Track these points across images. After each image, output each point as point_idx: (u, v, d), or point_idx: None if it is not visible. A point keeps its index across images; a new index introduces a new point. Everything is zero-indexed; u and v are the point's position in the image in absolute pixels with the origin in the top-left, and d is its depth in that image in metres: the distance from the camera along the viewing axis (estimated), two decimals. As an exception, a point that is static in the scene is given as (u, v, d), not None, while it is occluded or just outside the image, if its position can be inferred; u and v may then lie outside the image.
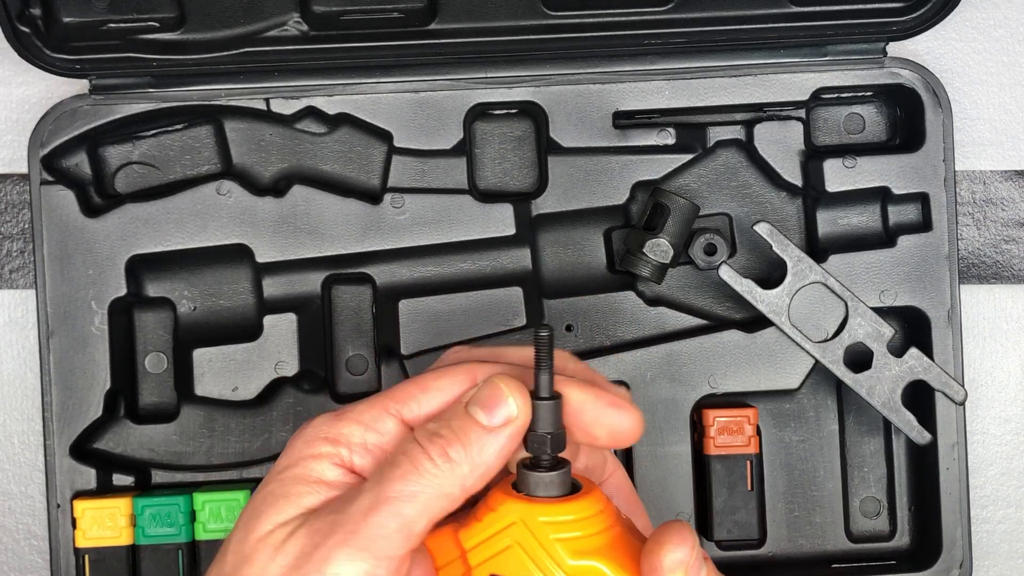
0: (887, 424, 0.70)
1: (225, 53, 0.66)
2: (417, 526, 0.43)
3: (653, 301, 0.69)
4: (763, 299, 0.66)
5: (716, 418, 0.68)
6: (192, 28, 0.66)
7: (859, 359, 0.66)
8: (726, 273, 0.65)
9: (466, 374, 0.48)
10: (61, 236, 0.67)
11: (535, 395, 0.46)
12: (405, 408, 0.47)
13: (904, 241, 0.68)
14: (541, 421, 0.46)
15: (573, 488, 0.47)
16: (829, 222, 0.69)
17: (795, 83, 0.68)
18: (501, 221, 0.69)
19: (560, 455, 0.47)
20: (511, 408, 0.45)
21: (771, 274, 0.67)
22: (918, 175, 0.68)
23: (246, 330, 0.69)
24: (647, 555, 0.44)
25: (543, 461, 0.46)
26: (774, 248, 0.65)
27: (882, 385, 0.66)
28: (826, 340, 0.66)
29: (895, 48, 0.69)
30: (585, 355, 0.68)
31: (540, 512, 0.46)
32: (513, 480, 0.47)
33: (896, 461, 0.70)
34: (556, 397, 0.46)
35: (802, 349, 0.66)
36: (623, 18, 0.67)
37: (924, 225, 0.68)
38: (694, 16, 0.67)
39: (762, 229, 0.65)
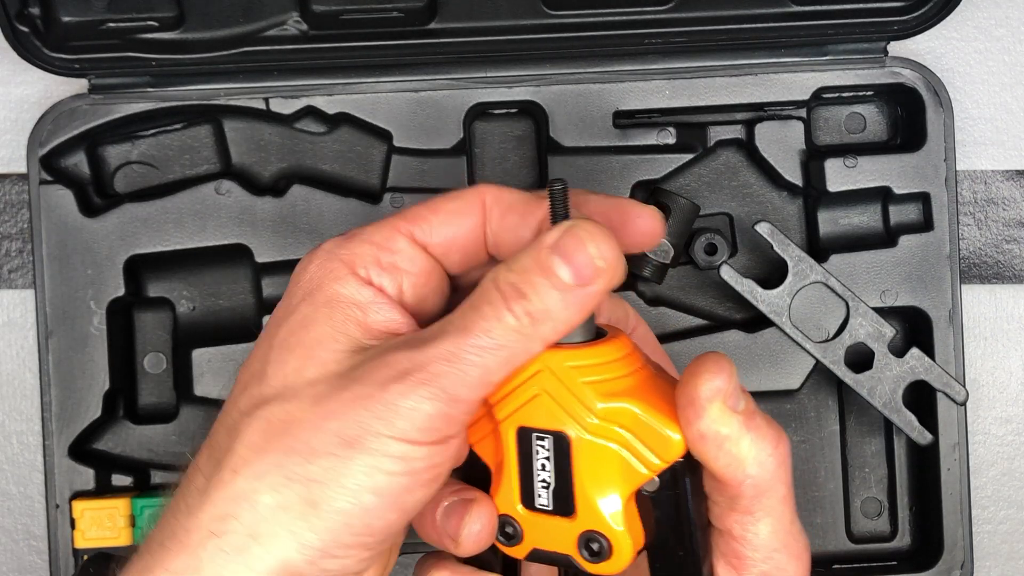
0: (888, 424, 0.70)
1: (224, 52, 0.66)
2: (497, 376, 0.42)
3: (653, 301, 0.69)
4: (764, 299, 0.66)
5: (716, 418, 0.67)
6: (191, 27, 0.66)
7: (860, 359, 0.66)
8: (727, 273, 0.65)
9: (477, 198, 0.46)
10: (60, 236, 0.67)
11: None
12: (417, 229, 0.46)
13: (905, 241, 0.68)
14: None
15: (598, 334, 0.45)
16: (830, 222, 0.69)
17: (796, 83, 0.68)
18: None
19: None
20: (598, 263, 0.42)
21: (771, 274, 0.67)
22: (919, 175, 0.68)
23: (246, 330, 0.69)
24: (683, 386, 0.42)
25: None
26: (775, 248, 0.65)
27: (883, 385, 0.66)
28: (827, 340, 0.66)
29: (896, 47, 0.69)
30: (585, 355, 0.68)
31: (566, 357, 0.44)
32: None
33: (897, 461, 0.70)
34: None
35: (803, 349, 0.66)
36: (623, 18, 0.67)
37: (925, 225, 0.68)
38: (694, 16, 0.67)
39: (763, 229, 0.65)
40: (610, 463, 0.44)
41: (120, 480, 0.68)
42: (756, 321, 0.68)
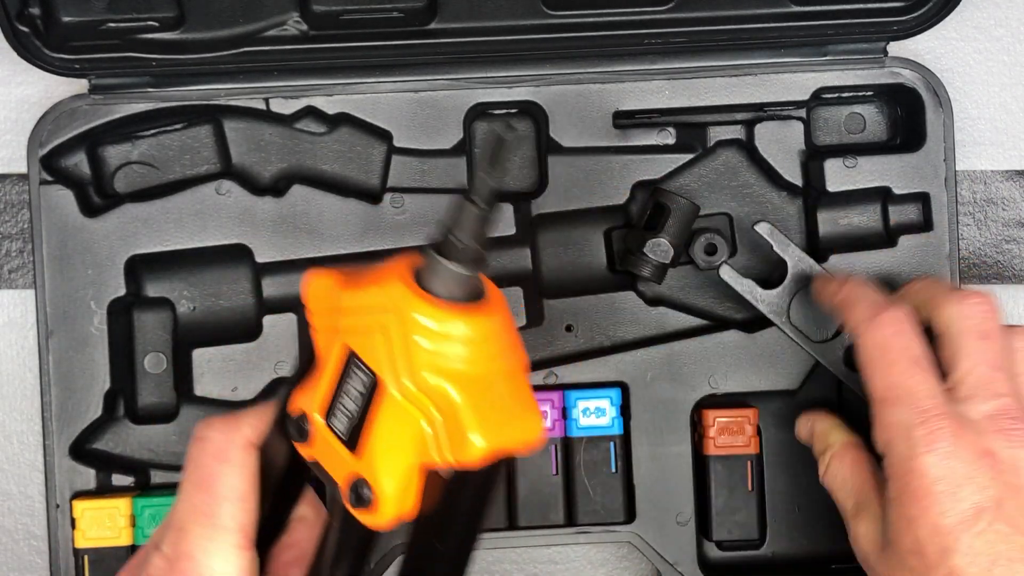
0: (888, 424, 0.70)
1: (225, 53, 0.66)
2: None
3: (653, 301, 0.69)
4: (763, 299, 0.66)
5: (716, 418, 0.68)
6: (191, 28, 0.66)
7: (860, 359, 0.66)
8: (726, 273, 0.65)
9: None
10: (60, 236, 0.67)
11: (467, 194, 0.41)
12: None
13: (905, 241, 0.68)
14: (462, 225, 0.41)
15: (476, 298, 0.42)
16: (830, 222, 0.69)
17: (795, 83, 0.68)
18: (501, 221, 0.69)
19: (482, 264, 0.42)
20: None
21: (771, 274, 0.67)
22: (919, 175, 0.68)
23: (246, 330, 0.69)
24: None
25: (455, 252, 0.41)
26: (774, 248, 0.65)
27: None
28: (826, 340, 0.66)
29: (896, 48, 0.69)
30: (585, 355, 0.68)
31: (419, 309, 0.41)
32: (419, 266, 0.42)
33: (897, 461, 0.70)
34: (488, 207, 0.41)
35: (803, 349, 0.66)
36: (623, 18, 0.67)
37: (925, 225, 0.68)
38: (694, 16, 0.67)
39: (762, 229, 0.65)
40: (409, 429, 0.42)
41: (120, 480, 0.68)
42: (756, 321, 0.68)
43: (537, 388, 0.68)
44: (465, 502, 0.43)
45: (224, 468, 0.47)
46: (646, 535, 0.68)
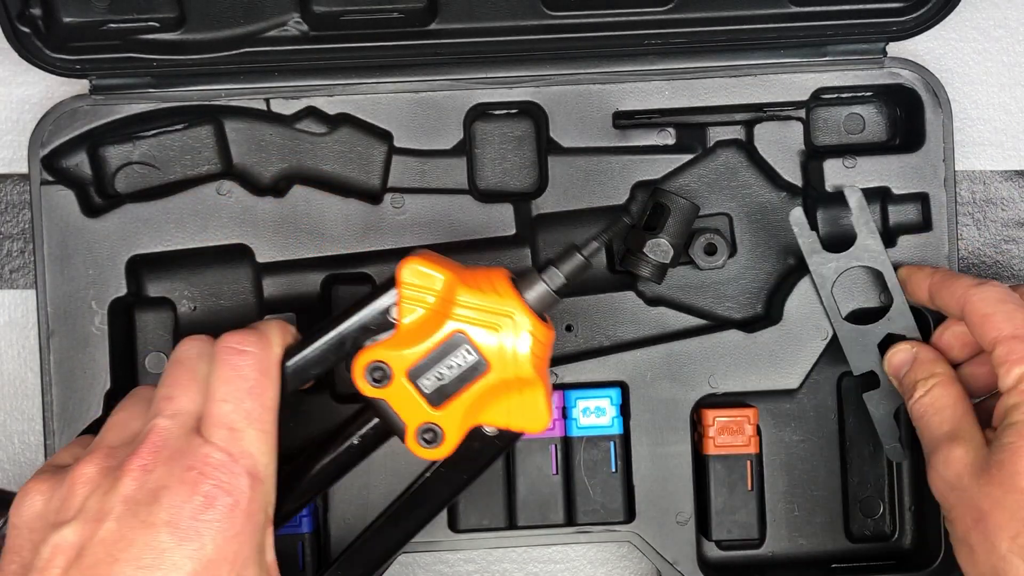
0: (887, 424, 0.70)
1: (225, 53, 0.66)
2: None
3: (653, 301, 0.69)
4: (816, 259, 0.65)
5: (716, 418, 0.68)
6: (192, 28, 0.66)
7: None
8: (797, 217, 0.65)
9: None
10: (61, 236, 0.67)
11: (578, 246, 0.57)
12: None
13: (904, 241, 0.68)
14: (566, 266, 0.56)
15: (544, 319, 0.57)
16: (829, 222, 0.69)
17: (795, 83, 0.68)
18: (501, 221, 0.69)
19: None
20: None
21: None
22: (918, 175, 0.68)
23: (246, 330, 0.69)
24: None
25: (556, 283, 0.56)
26: (852, 215, 0.65)
27: (882, 391, 0.66)
28: (857, 325, 0.66)
29: (895, 48, 0.69)
30: (585, 355, 0.68)
31: (533, 322, 0.55)
32: (518, 281, 0.56)
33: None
34: (590, 262, 0.57)
35: (829, 321, 0.66)
36: (623, 18, 0.67)
37: (924, 225, 0.68)
38: (694, 16, 0.67)
39: (851, 194, 0.65)
40: (493, 400, 0.55)
41: (121, 480, 0.68)
42: (755, 321, 0.68)
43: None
44: (487, 452, 0.57)
45: (267, 381, 0.55)
46: (646, 535, 0.68)
